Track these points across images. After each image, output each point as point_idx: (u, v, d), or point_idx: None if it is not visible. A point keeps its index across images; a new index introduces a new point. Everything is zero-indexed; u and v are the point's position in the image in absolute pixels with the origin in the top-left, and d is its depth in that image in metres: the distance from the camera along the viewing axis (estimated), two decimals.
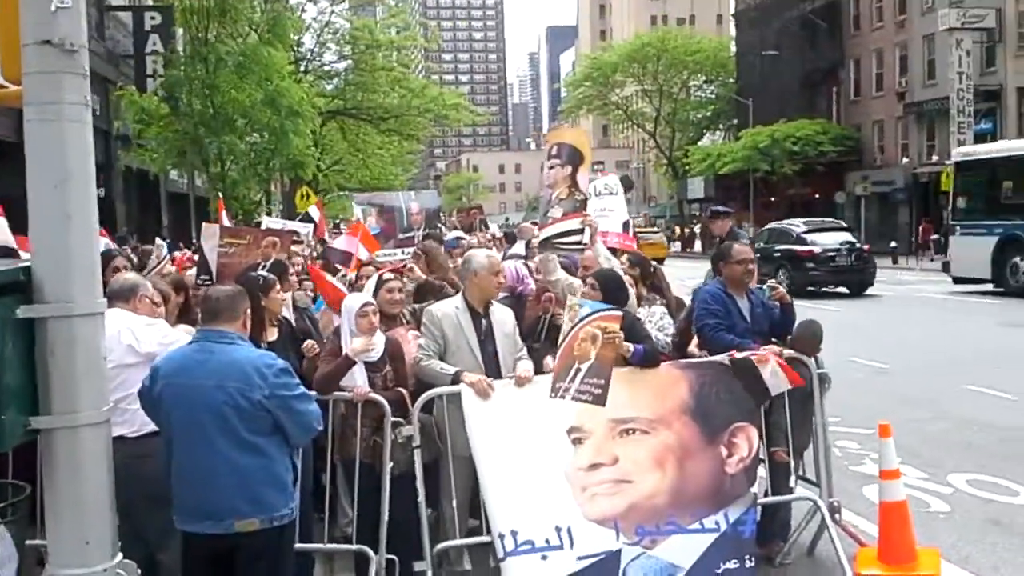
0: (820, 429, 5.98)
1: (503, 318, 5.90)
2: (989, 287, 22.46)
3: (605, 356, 5.24)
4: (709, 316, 6.11)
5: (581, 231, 6.94)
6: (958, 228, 23.70)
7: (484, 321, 5.83)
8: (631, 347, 5.44)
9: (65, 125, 3.60)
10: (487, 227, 13.73)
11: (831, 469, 6.07)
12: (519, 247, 9.70)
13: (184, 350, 4.12)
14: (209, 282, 6.69)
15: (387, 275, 6.61)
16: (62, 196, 3.59)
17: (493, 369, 5.70)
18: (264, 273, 6.22)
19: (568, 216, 6.91)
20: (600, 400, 5.22)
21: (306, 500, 5.14)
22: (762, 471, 5.82)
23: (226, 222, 8.36)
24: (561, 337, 5.54)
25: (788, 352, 5.87)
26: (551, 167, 7.16)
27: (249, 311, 4.21)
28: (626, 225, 8.70)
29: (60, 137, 3.60)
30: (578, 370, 5.24)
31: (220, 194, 18.10)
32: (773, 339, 6.22)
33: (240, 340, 4.08)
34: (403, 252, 11.44)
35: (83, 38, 3.70)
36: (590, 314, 5.37)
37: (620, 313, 5.50)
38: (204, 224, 7.72)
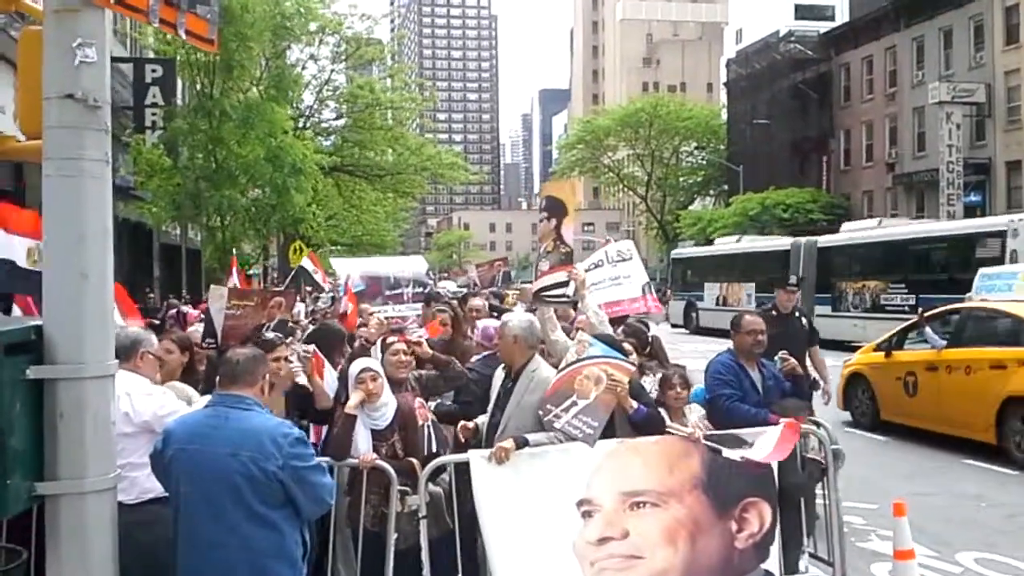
0: (834, 506, 5.86)
1: (536, 385, 5.65)
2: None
3: (605, 400, 5.24)
4: (723, 387, 6.03)
5: (567, 283, 6.87)
6: (673, 295, 37.52)
7: (509, 385, 5.75)
8: (635, 404, 5.37)
9: (85, 181, 3.54)
10: (510, 280, 13.57)
11: (844, 548, 5.92)
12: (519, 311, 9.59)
13: (198, 415, 3.98)
14: (214, 344, 6.55)
15: (391, 339, 6.51)
16: (79, 254, 3.50)
17: (489, 437, 5.60)
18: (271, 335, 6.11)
19: (554, 269, 6.85)
20: (590, 440, 5.18)
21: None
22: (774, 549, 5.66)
23: (235, 280, 8.25)
24: (563, 364, 5.47)
25: (806, 427, 5.78)
26: (540, 220, 7.17)
27: (268, 376, 4.07)
28: (646, 287, 8.64)
29: (79, 193, 3.53)
30: (574, 403, 5.24)
31: (227, 251, 17.93)
32: None
33: (257, 406, 3.94)
34: (393, 308, 11.30)
35: (107, 94, 3.65)
36: (600, 356, 5.32)
37: (631, 367, 5.44)
38: (212, 286, 7.58)
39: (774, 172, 48.84)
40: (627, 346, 6.75)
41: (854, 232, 27.27)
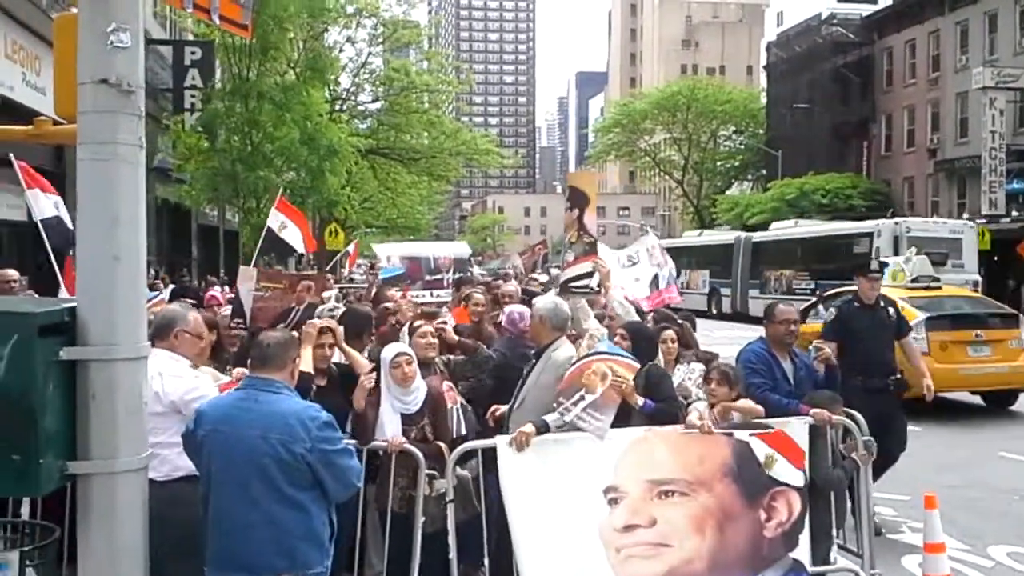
0: (864, 498, 5.81)
1: (550, 366, 5.73)
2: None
3: (610, 396, 5.28)
4: (754, 375, 5.99)
5: (592, 274, 6.90)
6: None
7: (533, 364, 5.83)
8: (640, 400, 5.37)
9: (119, 166, 3.57)
10: (547, 260, 13.60)
11: (874, 541, 5.88)
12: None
13: (230, 397, 4.03)
14: (242, 325, 6.62)
15: (419, 321, 6.54)
16: (111, 238, 3.55)
17: (508, 417, 5.68)
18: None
19: (579, 260, 6.92)
20: (599, 432, 5.24)
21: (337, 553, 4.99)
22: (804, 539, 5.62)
23: (278, 220, 8.42)
24: (575, 358, 5.50)
25: (837, 418, 5.73)
26: (565, 210, 7.28)
27: (299, 360, 4.09)
28: (655, 281, 8.60)
29: (113, 178, 3.57)
30: (582, 397, 5.28)
31: (281, 190, 17.87)
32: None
33: (286, 390, 3.98)
34: (432, 295, 11.33)
35: (140, 79, 3.67)
36: (605, 352, 5.38)
37: (636, 364, 5.44)
38: (241, 268, 7.65)
39: (813, 157, 48.24)
40: (671, 333, 6.75)
41: (777, 230, 33.16)
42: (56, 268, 7.19)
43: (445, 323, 6.77)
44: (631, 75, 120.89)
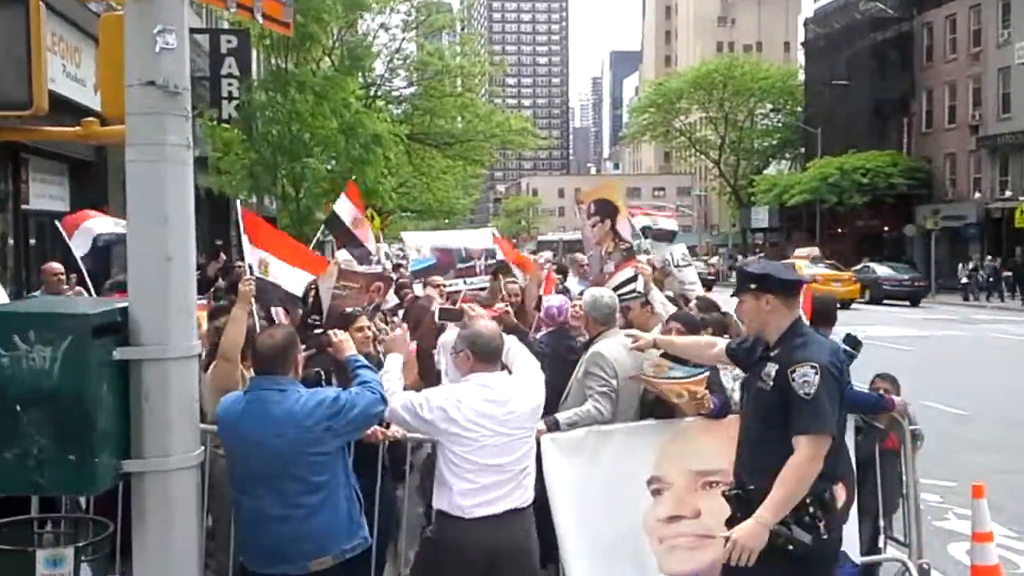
0: (911, 488, 5.75)
1: (586, 360, 5.68)
2: None
3: (685, 409, 5.29)
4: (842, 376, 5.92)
5: (635, 278, 6.93)
6: None
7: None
8: (713, 402, 5.34)
9: (167, 166, 3.60)
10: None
11: (922, 529, 5.82)
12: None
13: (240, 402, 4.06)
14: (318, 320, 6.70)
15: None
16: (161, 238, 3.58)
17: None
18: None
19: (620, 267, 6.95)
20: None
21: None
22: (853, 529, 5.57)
23: (346, 208, 8.79)
24: (635, 373, 5.47)
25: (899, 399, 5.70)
26: (593, 225, 7.44)
27: (300, 356, 4.19)
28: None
29: (161, 178, 3.60)
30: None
31: (302, 220, 18.01)
32: None
33: (291, 385, 4.02)
34: (465, 282, 11.34)
35: (186, 80, 3.70)
36: (681, 377, 5.30)
37: (707, 374, 5.38)
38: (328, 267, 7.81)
39: (853, 135, 47.62)
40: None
41: None
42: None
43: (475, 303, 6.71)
44: (666, 53, 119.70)
